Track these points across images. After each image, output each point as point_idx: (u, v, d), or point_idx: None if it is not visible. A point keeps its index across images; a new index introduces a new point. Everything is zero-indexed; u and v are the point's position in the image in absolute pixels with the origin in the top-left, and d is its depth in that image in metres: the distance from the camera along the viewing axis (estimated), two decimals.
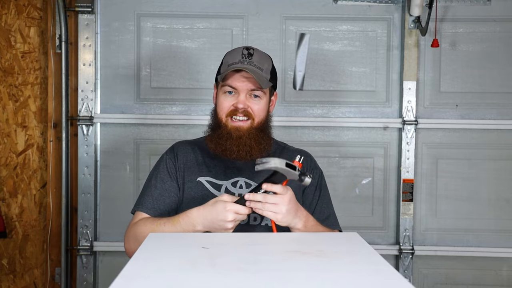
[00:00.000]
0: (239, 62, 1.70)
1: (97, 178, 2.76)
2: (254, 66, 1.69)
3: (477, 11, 2.76)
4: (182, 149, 1.80)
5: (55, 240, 2.78)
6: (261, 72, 1.70)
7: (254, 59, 1.71)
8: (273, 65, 1.79)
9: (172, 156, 1.78)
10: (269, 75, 1.74)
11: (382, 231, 2.82)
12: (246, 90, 1.69)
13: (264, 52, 1.79)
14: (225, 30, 2.76)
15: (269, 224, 1.68)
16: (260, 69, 1.71)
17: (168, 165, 1.77)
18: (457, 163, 2.80)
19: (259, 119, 1.72)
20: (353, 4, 2.76)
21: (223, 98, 1.71)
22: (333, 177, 2.77)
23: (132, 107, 2.77)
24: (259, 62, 1.72)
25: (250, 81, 1.68)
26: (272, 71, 1.77)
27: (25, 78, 2.78)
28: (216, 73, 1.81)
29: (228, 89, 1.70)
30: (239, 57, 1.71)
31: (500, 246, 2.80)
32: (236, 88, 1.69)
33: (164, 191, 1.73)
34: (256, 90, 1.70)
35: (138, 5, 2.75)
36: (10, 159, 2.79)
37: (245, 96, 1.70)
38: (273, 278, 1.07)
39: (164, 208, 1.72)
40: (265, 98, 1.74)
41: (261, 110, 1.72)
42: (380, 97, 2.79)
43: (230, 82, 1.69)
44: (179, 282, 1.05)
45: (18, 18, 2.76)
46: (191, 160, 1.77)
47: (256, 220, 1.69)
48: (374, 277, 1.10)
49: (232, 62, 1.71)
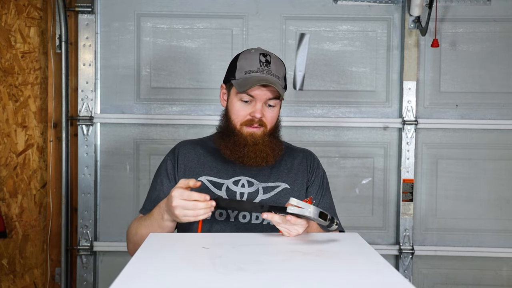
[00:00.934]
0: (258, 70, 1.67)
1: (97, 178, 2.76)
2: (273, 75, 1.68)
3: (477, 11, 2.76)
4: (184, 149, 1.80)
5: (55, 240, 2.78)
6: (279, 81, 1.69)
7: (272, 67, 1.69)
8: (285, 69, 1.77)
9: (173, 157, 1.79)
10: (284, 83, 1.74)
11: (382, 231, 2.82)
12: (264, 99, 1.68)
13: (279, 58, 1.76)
14: (225, 30, 2.76)
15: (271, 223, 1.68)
16: (278, 77, 1.69)
17: (167, 167, 1.77)
18: (457, 163, 2.81)
19: (271, 126, 1.72)
20: (353, 4, 2.76)
21: (240, 106, 1.69)
22: (333, 177, 2.77)
23: (132, 107, 2.77)
24: (276, 71, 1.69)
25: (269, 90, 1.67)
26: (285, 77, 1.76)
27: (25, 78, 2.78)
28: (227, 74, 1.76)
29: (246, 98, 1.68)
30: (257, 65, 1.68)
31: (500, 246, 2.80)
32: (255, 96, 1.67)
33: (162, 192, 1.74)
34: (272, 100, 1.69)
35: (138, 5, 2.75)
36: (10, 159, 2.79)
37: (262, 105, 1.68)
38: (273, 278, 1.07)
39: None
40: (279, 105, 1.73)
41: (274, 118, 1.73)
42: (380, 97, 2.79)
43: (249, 91, 1.66)
44: (179, 282, 1.05)
45: (18, 18, 2.76)
46: (192, 160, 1.77)
47: (258, 219, 1.69)
48: (374, 277, 1.10)
49: (251, 70, 1.67)
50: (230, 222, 1.67)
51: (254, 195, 1.71)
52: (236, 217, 1.68)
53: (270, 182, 1.73)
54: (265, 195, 1.71)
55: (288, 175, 1.76)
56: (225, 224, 1.67)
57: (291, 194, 1.72)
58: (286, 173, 1.77)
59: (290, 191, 1.73)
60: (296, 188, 1.75)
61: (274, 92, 1.67)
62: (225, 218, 1.68)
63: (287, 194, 1.72)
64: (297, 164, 1.80)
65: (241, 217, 1.68)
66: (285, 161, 1.79)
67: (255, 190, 1.71)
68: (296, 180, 1.76)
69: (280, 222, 1.43)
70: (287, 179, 1.76)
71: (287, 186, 1.74)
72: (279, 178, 1.75)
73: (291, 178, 1.76)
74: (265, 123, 1.70)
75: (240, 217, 1.68)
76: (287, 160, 1.80)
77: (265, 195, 1.71)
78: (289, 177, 1.76)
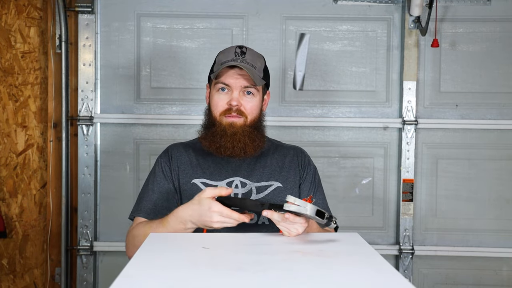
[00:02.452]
0: (232, 60, 1.70)
1: (97, 178, 2.76)
2: (247, 63, 1.70)
3: (477, 11, 2.76)
4: (176, 152, 1.80)
5: (55, 240, 2.78)
6: (254, 70, 1.71)
7: (247, 57, 1.72)
8: (265, 64, 1.80)
9: (167, 159, 1.78)
10: (262, 73, 1.75)
11: (382, 231, 2.82)
12: (240, 87, 1.70)
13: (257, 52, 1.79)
14: (225, 30, 2.76)
15: (266, 222, 1.69)
16: (253, 66, 1.71)
17: (163, 168, 1.77)
18: (457, 163, 2.80)
19: (252, 117, 1.72)
20: (353, 4, 2.76)
21: (217, 96, 1.72)
22: (333, 177, 2.77)
23: (132, 107, 2.77)
24: (252, 60, 1.72)
25: (244, 78, 1.69)
26: (265, 70, 1.78)
27: (25, 78, 2.78)
28: (209, 72, 1.81)
29: (221, 86, 1.71)
30: (232, 55, 1.71)
31: (500, 246, 2.80)
32: (230, 85, 1.70)
33: (162, 194, 1.73)
34: (250, 87, 1.70)
35: (138, 5, 2.75)
36: (10, 159, 2.79)
37: (239, 93, 1.70)
38: (273, 278, 1.07)
39: (163, 211, 1.71)
40: (258, 96, 1.74)
41: (254, 108, 1.73)
42: (380, 97, 2.79)
43: (223, 79, 1.70)
44: (179, 282, 1.05)
45: (18, 18, 2.76)
46: (185, 162, 1.77)
47: (252, 219, 1.69)
48: (374, 277, 1.10)
49: (225, 60, 1.71)
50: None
51: (248, 196, 1.71)
52: None
53: (262, 182, 1.74)
54: (259, 194, 1.72)
55: (280, 174, 1.77)
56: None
57: (284, 193, 1.73)
58: (278, 171, 1.77)
59: (283, 190, 1.74)
60: (289, 186, 1.76)
61: (249, 80, 1.69)
62: None
63: (280, 193, 1.73)
64: (288, 162, 1.80)
65: None
66: (276, 159, 1.80)
67: (248, 190, 1.72)
68: (289, 178, 1.77)
69: (279, 221, 1.43)
70: (280, 177, 1.76)
71: (280, 185, 1.75)
72: (271, 177, 1.75)
73: (283, 176, 1.76)
74: (244, 113, 1.71)
75: None
76: (278, 158, 1.80)
77: (259, 194, 1.72)
78: (281, 176, 1.76)
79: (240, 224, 1.65)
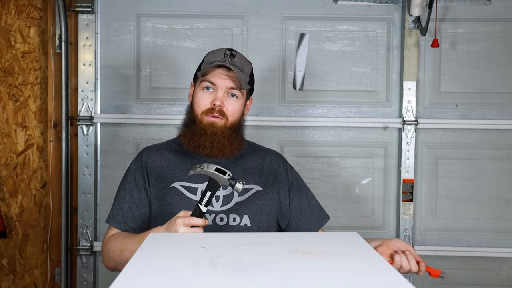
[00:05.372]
0: (221, 60, 1.70)
1: (97, 178, 2.76)
2: (235, 66, 1.70)
3: (477, 11, 2.76)
4: (151, 156, 1.78)
5: (55, 240, 2.78)
6: (241, 73, 1.71)
7: (236, 60, 1.72)
8: (252, 70, 1.81)
9: (140, 165, 1.76)
10: (248, 78, 1.76)
11: (382, 231, 2.82)
12: (225, 88, 1.70)
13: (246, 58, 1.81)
14: (225, 30, 2.76)
15: (248, 224, 1.69)
16: (241, 70, 1.72)
17: (136, 176, 1.75)
18: (457, 163, 2.80)
19: (233, 119, 1.73)
20: (353, 4, 2.76)
21: (201, 94, 1.72)
22: (333, 177, 2.78)
23: (132, 107, 2.77)
24: (240, 64, 1.73)
25: (230, 79, 1.70)
26: (251, 75, 1.79)
27: (25, 78, 2.78)
28: (196, 70, 1.81)
29: (207, 85, 1.71)
30: (221, 56, 1.72)
31: (500, 246, 2.80)
32: (215, 84, 1.70)
33: (133, 204, 1.73)
34: (235, 89, 1.71)
35: (138, 5, 2.75)
36: (10, 159, 2.79)
37: (223, 94, 1.70)
38: (273, 278, 1.07)
39: (134, 222, 1.73)
40: (242, 99, 1.75)
41: (236, 111, 1.73)
42: (380, 97, 2.79)
43: (210, 77, 1.70)
44: (179, 282, 1.05)
45: (18, 18, 2.76)
46: (162, 167, 1.75)
47: (235, 221, 1.69)
48: (374, 277, 1.10)
49: (214, 60, 1.72)
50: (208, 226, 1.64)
51: (230, 198, 1.71)
52: (213, 220, 1.68)
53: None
54: (240, 197, 1.72)
55: (260, 177, 1.77)
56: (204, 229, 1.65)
57: (264, 196, 1.73)
58: (258, 175, 1.77)
59: (263, 193, 1.74)
60: (269, 190, 1.76)
61: (235, 82, 1.69)
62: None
63: (260, 196, 1.73)
64: (267, 166, 1.80)
65: (218, 219, 1.69)
66: (255, 162, 1.80)
67: (229, 192, 1.72)
68: (268, 183, 1.77)
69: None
70: (260, 181, 1.76)
71: (260, 188, 1.75)
72: (251, 180, 1.75)
73: (263, 180, 1.77)
74: (226, 115, 1.71)
75: (218, 220, 1.69)
76: (256, 160, 1.80)
77: (240, 197, 1.72)
78: (261, 180, 1.76)
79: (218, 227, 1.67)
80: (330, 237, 1.49)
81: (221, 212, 1.70)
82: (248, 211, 1.71)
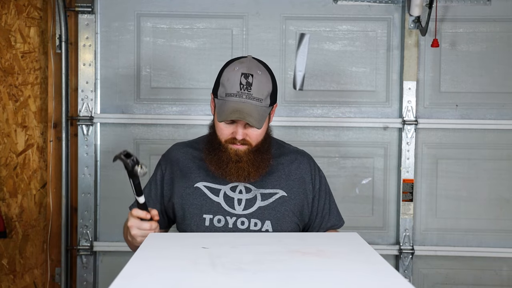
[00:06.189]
0: (237, 95, 1.61)
1: (97, 178, 2.77)
2: (253, 99, 1.62)
3: (477, 11, 2.76)
4: (178, 154, 1.79)
5: (55, 240, 2.78)
6: (259, 105, 1.63)
7: (253, 89, 1.62)
8: (273, 83, 1.70)
9: (165, 164, 1.80)
10: (269, 101, 1.67)
11: (382, 231, 2.82)
12: (244, 123, 1.65)
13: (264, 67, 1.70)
14: (225, 30, 2.76)
15: (270, 230, 1.68)
16: (259, 100, 1.63)
17: (157, 174, 1.81)
18: (457, 163, 2.80)
19: (257, 142, 1.69)
20: (353, 4, 2.76)
21: (222, 126, 1.67)
22: (333, 177, 2.77)
23: (132, 107, 2.77)
24: (258, 93, 1.63)
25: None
26: (272, 93, 1.69)
27: (25, 78, 2.78)
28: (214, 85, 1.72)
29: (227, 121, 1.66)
30: (237, 88, 1.61)
31: (500, 246, 2.80)
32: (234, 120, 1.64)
33: (149, 198, 1.78)
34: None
35: (138, 5, 2.75)
36: (10, 159, 2.79)
37: (243, 126, 1.65)
38: (273, 278, 1.07)
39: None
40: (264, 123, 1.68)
41: (259, 135, 1.69)
42: (380, 97, 2.79)
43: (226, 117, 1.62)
44: (179, 282, 1.05)
45: (18, 18, 2.76)
46: (187, 166, 1.76)
47: (256, 226, 1.68)
48: (374, 277, 1.10)
49: (230, 93, 1.63)
50: (229, 229, 1.66)
51: (253, 202, 1.69)
52: (234, 223, 1.68)
53: (268, 189, 1.72)
54: (263, 202, 1.70)
55: (286, 182, 1.74)
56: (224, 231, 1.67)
57: (288, 202, 1.72)
58: (284, 179, 1.74)
59: (288, 199, 1.72)
60: (293, 196, 1.73)
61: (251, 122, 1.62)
62: (223, 225, 1.67)
63: (284, 202, 1.71)
64: (295, 170, 1.77)
65: (239, 223, 1.68)
66: (282, 164, 1.77)
67: (253, 196, 1.70)
68: (293, 188, 1.74)
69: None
70: (285, 186, 1.73)
71: (284, 194, 1.72)
72: (276, 184, 1.73)
73: (288, 185, 1.74)
74: (249, 142, 1.67)
75: (239, 223, 1.68)
76: (284, 163, 1.77)
77: (263, 202, 1.70)
78: (287, 185, 1.74)
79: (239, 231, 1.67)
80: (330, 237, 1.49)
81: (243, 216, 1.68)
82: (271, 217, 1.69)
